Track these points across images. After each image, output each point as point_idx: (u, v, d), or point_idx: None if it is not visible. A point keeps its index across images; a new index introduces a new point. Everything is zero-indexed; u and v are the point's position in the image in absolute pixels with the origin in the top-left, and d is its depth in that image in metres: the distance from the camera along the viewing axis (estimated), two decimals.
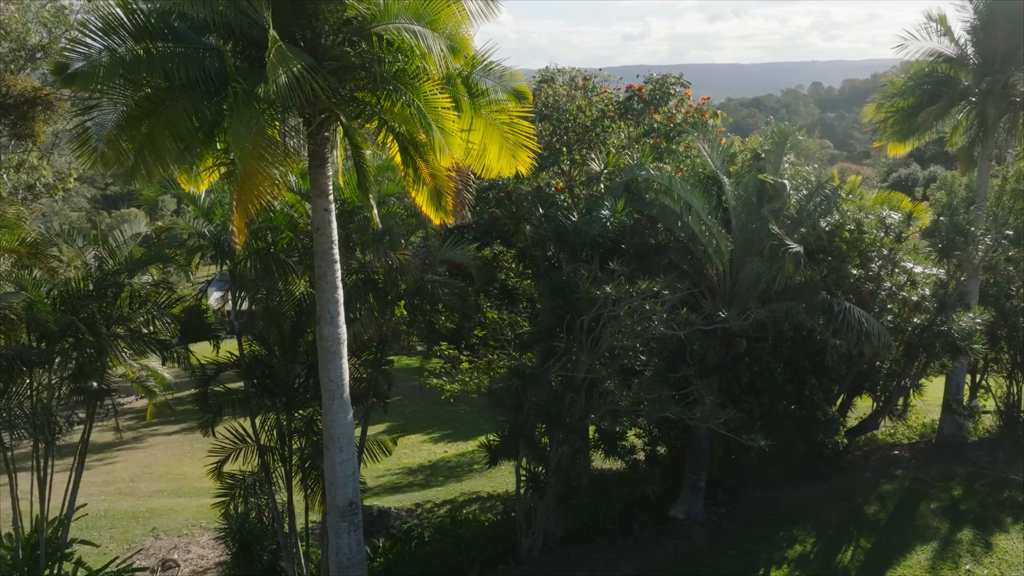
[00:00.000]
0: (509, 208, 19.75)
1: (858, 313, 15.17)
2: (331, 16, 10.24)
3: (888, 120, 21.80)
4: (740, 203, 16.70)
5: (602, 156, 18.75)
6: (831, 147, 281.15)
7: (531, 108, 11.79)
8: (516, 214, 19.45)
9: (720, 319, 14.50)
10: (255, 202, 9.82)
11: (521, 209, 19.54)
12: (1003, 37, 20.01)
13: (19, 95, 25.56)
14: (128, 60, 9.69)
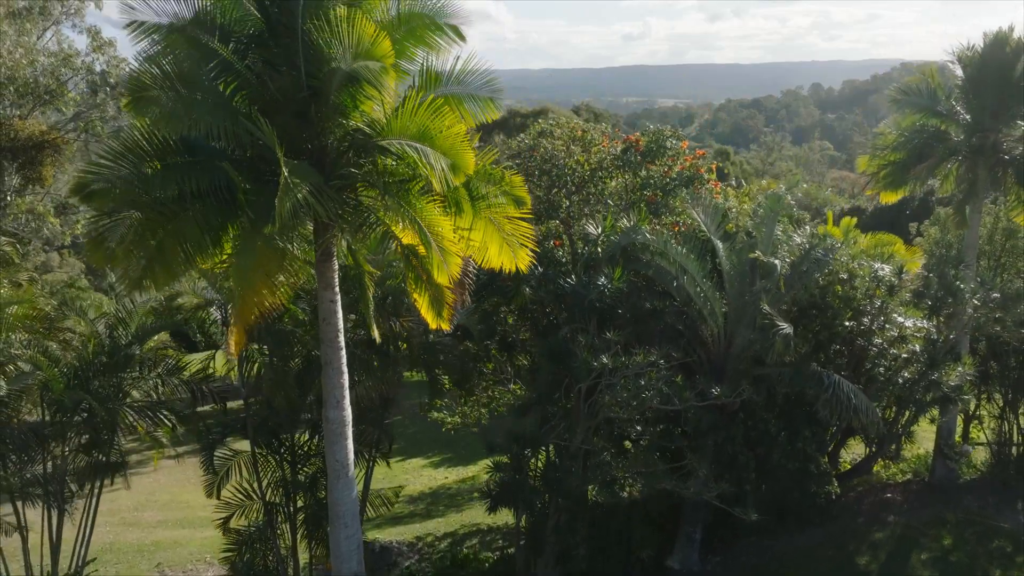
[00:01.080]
0: None
1: (847, 387, 15.61)
2: (336, 130, 10.67)
3: (880, 172, 22.22)
4: (734, 267, 17.15)
5: (599, 218, 19.15)
6: (831, 149, 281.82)
7: (530, 210, 12.21)
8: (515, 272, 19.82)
9: (713, 395, 14.93)
10: (255, 311, 10.23)
11: None
12: (992, 94, 20.43)
13: (27, 139, 26.05)
14: (144, 177, 10.09)
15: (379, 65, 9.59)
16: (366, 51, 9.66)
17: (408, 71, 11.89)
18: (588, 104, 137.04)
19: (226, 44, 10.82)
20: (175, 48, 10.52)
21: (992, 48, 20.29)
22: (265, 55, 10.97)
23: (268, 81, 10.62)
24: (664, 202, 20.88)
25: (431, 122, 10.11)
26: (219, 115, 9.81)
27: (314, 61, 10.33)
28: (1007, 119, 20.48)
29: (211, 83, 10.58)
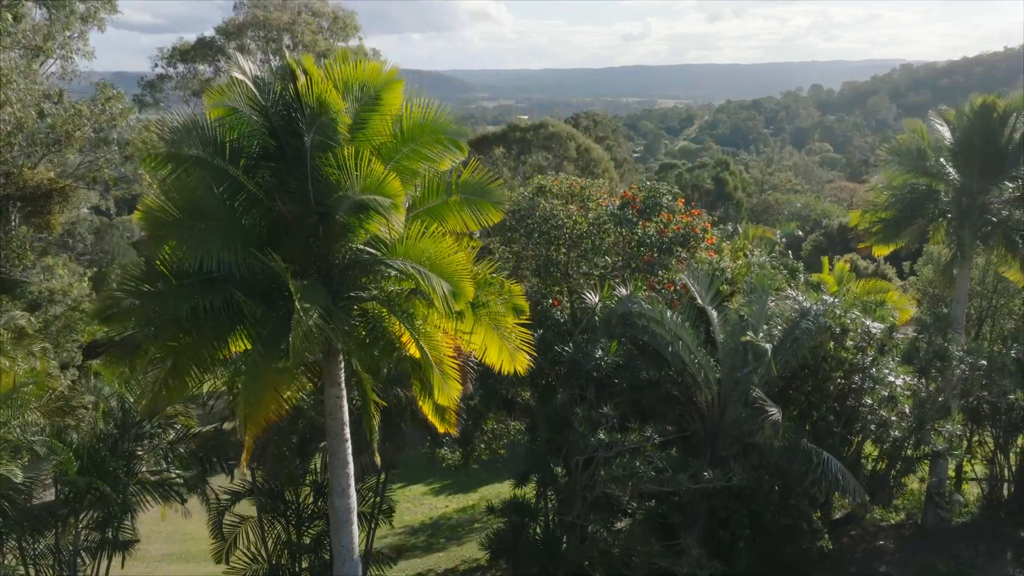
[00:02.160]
0: None
1: (835, 467, 16.10)
2: (343, 248, 11.17)
3: (873, 228, 22.70)
4: (727, 336, 17.62)
5: (596, 285, 19.66)
6: (831, 150, 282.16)
7: (529, 318, 12.70)
8: None
9: (706, 478, 15.43)
10: (263, 424, 10.73)
11: None
12: (980, 158, 20.90)
13: (35, 188, 26.49)
14: (159, 296, 10.59)
15: (389, 201, 10.08)
16: (374, 187, 10.15)
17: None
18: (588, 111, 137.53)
19: (236, 162, 11.29)
20: (188, 172, 10.98)
21: (980, 115, 20.76)
22: (275, 173, 11.44)
23: (278, 202, 11.09)
24: (660, 261, 21.36)
25: (433, 248, 10.60)
26: (231, 247, 10.28)
27: (323, 190, 10.82)
28: (994, 182, 20.95)
29: (223, 203, 11.04)
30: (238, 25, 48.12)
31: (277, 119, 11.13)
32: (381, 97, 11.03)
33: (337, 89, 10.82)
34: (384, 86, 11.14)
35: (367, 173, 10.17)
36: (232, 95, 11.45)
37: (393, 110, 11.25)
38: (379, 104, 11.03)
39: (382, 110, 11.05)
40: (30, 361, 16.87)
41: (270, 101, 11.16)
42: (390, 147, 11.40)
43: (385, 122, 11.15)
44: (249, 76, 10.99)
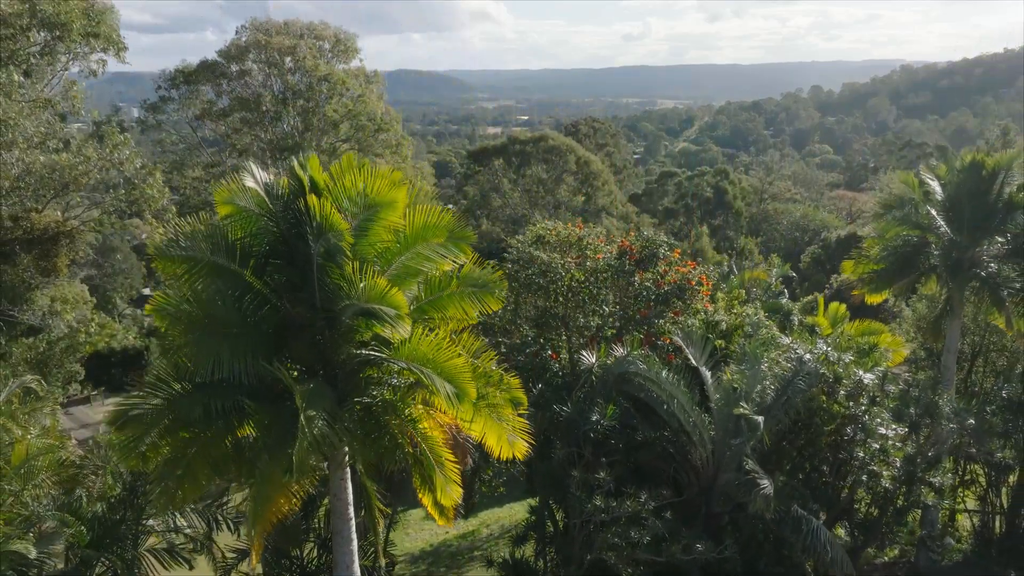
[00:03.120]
0: None
1: (824, 536, 16.55)
2: (349, 347, 11.62)
3: (866, 277, 23.13)
4: (721, 403, 18.07)
5: (594, 341, 20.10)
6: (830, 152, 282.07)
7: (527, 408, 13.14)
8: None
9: (698, 550, 15.88)
10: (273, 519, 11.17)
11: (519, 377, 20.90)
12: (969, 213, 21.34)
13: (43, 231, 26.91)
14: (173, 400, 11.04)
15: (395, 312, 10.53)
16: (378, 299, 10.60)
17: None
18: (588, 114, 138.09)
19: (246, 263, 11.73)
20: (200, 276, 11.42)
21: (969, 171, 21.19)
22: (282, 271, 11.89)
23: (285, 303, 11.54)
24: (657, 312, 21.79)
25: (437, 351, 11.05)
26: (240, 355, 10.73)
27: (329, 296, 11.27)
28: (984, 237, 21.38)
29: (232, 305, 11.49)
30: (240, 48, 48.51)
31: (285, 224, 11.58)
32: (384, 205, 11.45)
33: (340, 203, 11.27)
34: (390, 187, 11.55)
35: (371, 286, 10.63)
36: (241, 195, 11.88)
37: (398, 210, 11.68)
38: (383, 212, 11.46)
39: (386, 217, 11.48)
40: (40, 425, 17.29)
41: (279, 206, 11.61)
42: (394, 252, 11.84)
43: (388, 229, 11.59)
44: (260, 183, 11.42)
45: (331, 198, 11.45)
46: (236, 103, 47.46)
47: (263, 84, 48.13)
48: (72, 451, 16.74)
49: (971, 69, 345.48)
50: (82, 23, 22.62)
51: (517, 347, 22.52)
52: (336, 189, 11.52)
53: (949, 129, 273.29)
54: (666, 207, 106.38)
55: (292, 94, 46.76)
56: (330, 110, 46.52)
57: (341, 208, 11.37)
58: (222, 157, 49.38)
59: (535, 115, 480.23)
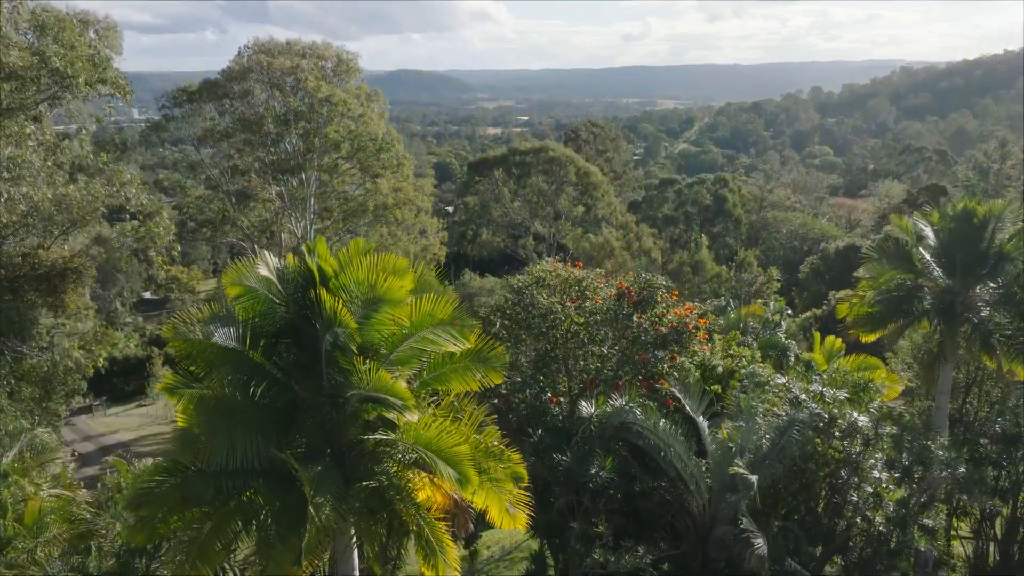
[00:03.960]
0: (507, 419, 21.51)
1: None
2: (356, 428, 12.05)
3: (860, 319, 23.54)
4: (718, 451, 18.50)
5: (592, 386, 20.52)
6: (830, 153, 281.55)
7: (528, 483, 13.56)
8: (515, 426, 21.24)
9: None
10: None
11: (520, 420, 21.40)
12: (961, 259, 21.75)
13: (50, 267, 27.33)
14: (187, 482, 11.48)
15: (400, 403, 10.96)
16: (385, 390, 11.04)
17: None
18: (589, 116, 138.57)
19: (256, 344, 12.16)
20: (212, 358, 11.85)
21: (961, 219, 21.60)
22: (291, 349, 12.32)
23: (294, 384, 11.98)
24: (655, 357, 22.18)
25: (441, 438, 11.48)
26: (251, 441, 11.15)
27: (336, 382, 11.71)
28: (976, 282, 21.79)
29: (243, 387, 11.92)
30: (242, 69, 48.89)
31: (295, 309, 12.02)
32: (389, 301, 11.85)
33: (348, 293, 11.71)
34: (395, 278, 11.97)
35: (378, 378, 11.07)
36: (251, 276, 12.30)
37: (402, 305, 12.09)
38: (387, 306, 11.87)
39: (391, 311, 11.89)
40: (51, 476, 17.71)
41: (289, 290, 12.04)
42: (399, 337, 12.27)
43: (394, 320, 12.01)
44: (272, 269, 11.85)
45: (339, 286, 11.86)
46: (238, 124, 47.84)
47: (265, 105, 48.46)
48: (82, 500, 17.13)
49: (971, 70, 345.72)
50: (88, 73, 23.02)
51: (517, 386, 22.91)
52: (344, 277, 11.94)
53: (949, 131, 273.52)
54: (666, 214, 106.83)
55: (294, 116, 47.15)
56: (331, 131, 46.90)
57: (348, 298, 11.77)
58: (223, 179, 49.79)
59: (535, 115, 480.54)
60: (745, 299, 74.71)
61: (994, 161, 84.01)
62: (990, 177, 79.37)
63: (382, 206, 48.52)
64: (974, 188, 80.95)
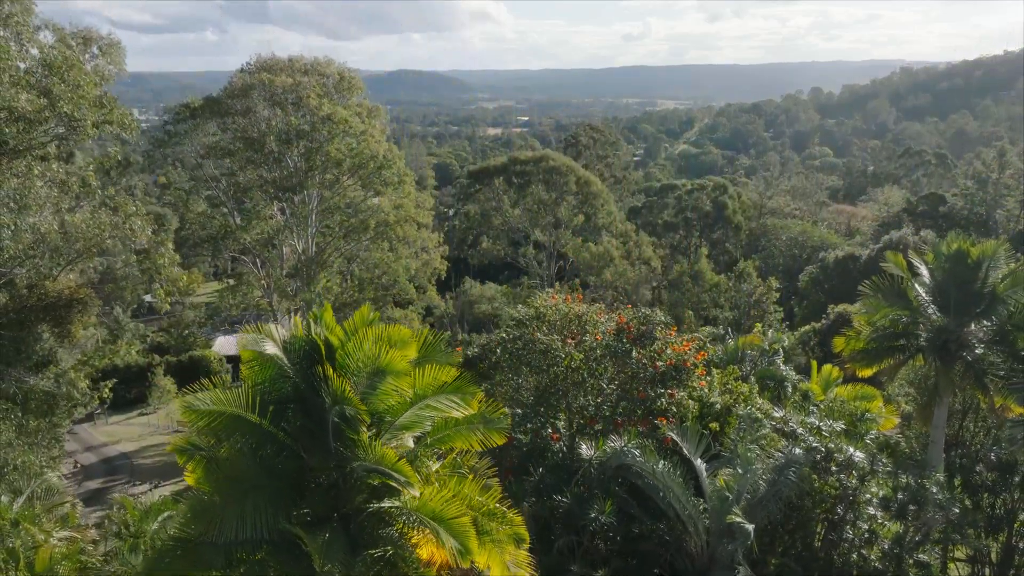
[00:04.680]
0: (509, 455, 21.86)
1: None
2: (362, 502, 12.42)
3: (855, 355, 23.88)
4: (715, 497, 18.83)
5: (591, 441, 20.85)
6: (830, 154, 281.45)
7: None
8: (516, 463, 21.59)
9: None
10: None
11: (521, 456, 21.75)
12: (955, 298, 22.08)
13: (56, 297, 27.66)
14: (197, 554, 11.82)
15: (405, 479, 11.31)
16: (388, 466, 11.40)
17: None
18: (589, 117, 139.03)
19: (265, 410, 12.50)
20: (223, 426, 12.20)
21: (954, 259, 21.93)
22: (300, 419, 12.66)
23: (303, 451, 12.34)
24: (654, 393, 22.51)
25: (444, 509, 11.83)
26: (261, 513, 11.49)
27: (343, 454, 12.06)
28: (970, 321, 22.12)
29: (253, 454, 12.27)
30: (244, 87, 49.21)
31: (302, 379, 12.37)
32: (394, 373, 12.20)
33: (354, 363, 12.06)
34: (398, 345, 12.32)
35: (383, 454, 11.43)
36: (261, 343, 12.65)
37: (406, 377, 12.43)
38: (392, 378, 12.22)
39: (395, 382, 12.24)
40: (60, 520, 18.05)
41: (296, 361, 12.39)
42: (404, 404, 12.62)
43: (398, 391, 12.36)
44: (279, 342, 12.20)
45: (345, 356, 12.20)
46: (241, 143, 48.16)
47: (267, 123, 48.77)
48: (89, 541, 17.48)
49: (971, 71, 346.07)
50: (96, 115, 23.34)
51: (518, 421, 23.24)
52: (350, 347, 12.28)
53: (949, 132, 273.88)
54: (666, 221, 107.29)
55: (296, 134, 47.48)
56: (333, 150, 47.22)
57: (354, 369, 12.12)
58: (226, 196, 50.13)
59: (535, 115, 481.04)
60: (745, 310, 75.25)
61: (993, 170, 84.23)
62: (989, 187, 79.57)
63: (383, 223, 48.84)
64: (973, 197, 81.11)
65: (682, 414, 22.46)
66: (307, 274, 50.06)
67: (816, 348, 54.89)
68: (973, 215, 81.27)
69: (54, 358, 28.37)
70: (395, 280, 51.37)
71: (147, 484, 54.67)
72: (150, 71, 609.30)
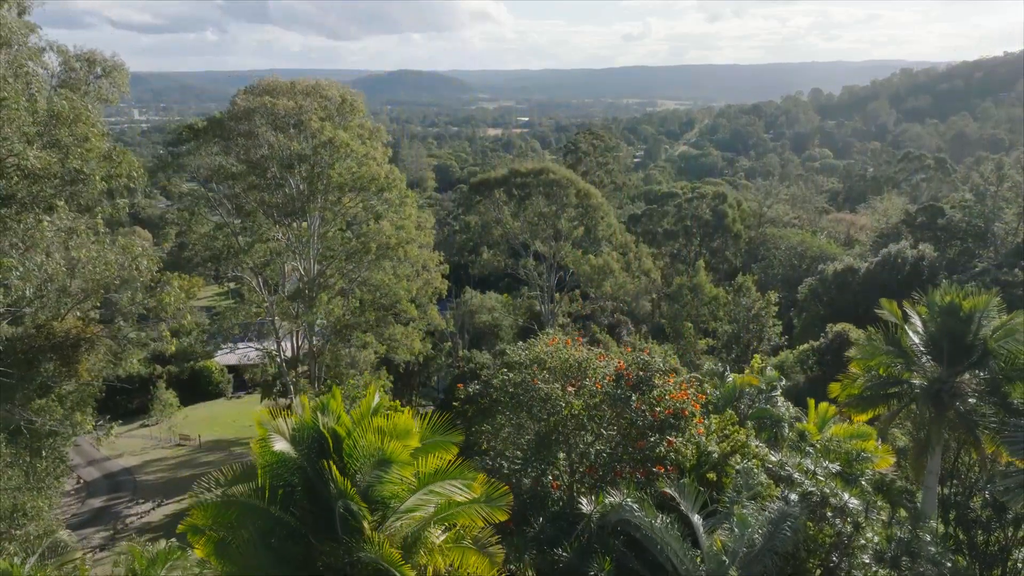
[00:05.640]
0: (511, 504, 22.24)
1: None
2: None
3: (850, 400, 24.32)
4: (711, 553, 19.24)
5: (590, 497, 21.26)
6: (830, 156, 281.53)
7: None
8: (517, 511, 21.98)
9: None
10: None
11: (522, 505, 22.16)
12: (948, 350, 22.51)
13: (63, 336, 28.07)
14: None
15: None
16: (391, 564, 11.84)
17: None
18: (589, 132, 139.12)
19: (275, 496, 12.93)
20: (234, 517, 12.63)
21: (947, 313, 22.35)
22: (308, 503, 13.09)
23: (310, 535, 12.76)
24: (653, 442, 22.92)
25: None
26: None
27: (351, 544, 12.48)
28: (963, 371, 22.54)
29: (263, 540, 12.70)
30: (247, 110, 49.58)
31: (309, 465, 12.79)
32: (398, 463, 12.63)
33: (360, 454, 12.47)
34: (401, 436, 12.74)
35: (387, 553, 11.86)
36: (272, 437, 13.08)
37: (408, 456, 12.85)
38: (396, 467, 12.65)
39: (399, 471, 12.67)
40: None
41: (305, 452, 12.81)
42: (408, 490, 13.05)
43: (402, 480, 12.79)
44: (287, 434, 12.62)
45: (352, 446, 12.62)
46: (244, 167, 48.58)
47: (269, 146, 49.12)
48: None
49: (971, 73, 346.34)
50: (104, 170, 23.70)
51: (518, 467, 23.65)
52: (356, 435, 12.70)
53: (949, 134, 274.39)
54: (666, 229, 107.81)
55: (298, 159, 47.87)
56: (335, 174, 47.62)
57: (360, 459, 12.55)
58: (229, 218, 50.53)
59: (535, 116, 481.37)
60: (744, 324, 75.71)
61: (991, 183, 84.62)
62: (987, 199, 79.96)
63: (384, 246, 49.23)
64: (971, 210, 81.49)
65: (680, 462, 22.89)
66: (309, 295, 50.47)
67: (814, 367, 55.37)
68: (971, 227, 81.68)
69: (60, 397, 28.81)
70: (396, 301, 51.80)
71: (151, 503, 55.18)
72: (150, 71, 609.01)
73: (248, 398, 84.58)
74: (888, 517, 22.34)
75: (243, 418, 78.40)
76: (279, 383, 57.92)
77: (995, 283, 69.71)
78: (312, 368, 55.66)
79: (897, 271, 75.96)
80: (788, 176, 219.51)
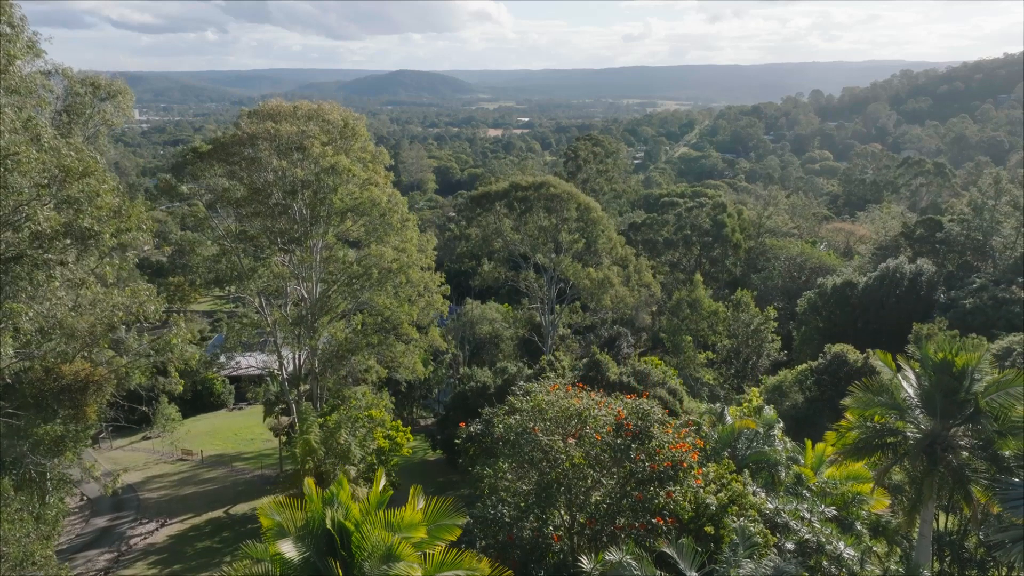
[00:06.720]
0: (512, 553, 22.73)
1: None
2: None
3: (846, 449, 24.76)
4: None
5: (590, 554, 21.71)
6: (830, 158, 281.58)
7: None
8: (518, 561, 22.45)
9: None
10: None
11: (523, 555, 22.64)
12: (942, 404, 22.94)
13: (72, 379, 28.53)
14: None
15: None
16: None
17: None
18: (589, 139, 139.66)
19: None
20: None
21: (940, 369, 22.77)
22: None
23: None
24: (651, 493, 23.36)
25: None
26: None
27: None
28: (955, 426, 22.98)
29: None
30: (251, 135, 49.98)
31: (319, 561, 13.25)
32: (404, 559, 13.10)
33: (369, 549, 12.93)
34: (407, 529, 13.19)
35: None
36: (279, 514, 13.52)
37: (413, 553, 13.32)
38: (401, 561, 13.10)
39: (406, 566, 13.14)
40: None
41: (314, 546, 13.27)
42: None
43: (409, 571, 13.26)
44: (295, 532, 13.07)
45: (360, 539, 13.08)
46: (248, 193, 48.99)
47: (273, 172, 49.50)
48: None
49: (971, 74, 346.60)
50: (114, 226, 24.10)
51: (519, 515, 24.09)
52: (365, 529, 13.15)
53: (949, 136, 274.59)
54: (665, 237, 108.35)
55: (301, 185, 48.29)
56: (337, 200, 48.03)
57: (368, 552, 13.00)
58: (233, 243, 50.90)
59: (536, 116, 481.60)
60: (743, 339, 76.15)
61: (989, 197, 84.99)
62: (985, 214, 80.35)
63: (385, 271, 49.67)
64: (970, 224, 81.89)
65: (678, 513, 23.35)
66: (311, 319, 50.91)
67: (813, 387, 55.80)
68: (970, 241, 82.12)
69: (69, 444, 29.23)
70: (398, 324, 52.26)
71: (154, 522, 55.55)
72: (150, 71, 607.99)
73: (250, 409, 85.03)
74: (884, 554, 22.80)
75: (244, 431, 78.80)
76: (281, 401, 58.40)
77: (993, 300, 70.33)
78: (314, 388, 56.16)
79: (896, 286, 76.38)
80: (788, 178, 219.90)
